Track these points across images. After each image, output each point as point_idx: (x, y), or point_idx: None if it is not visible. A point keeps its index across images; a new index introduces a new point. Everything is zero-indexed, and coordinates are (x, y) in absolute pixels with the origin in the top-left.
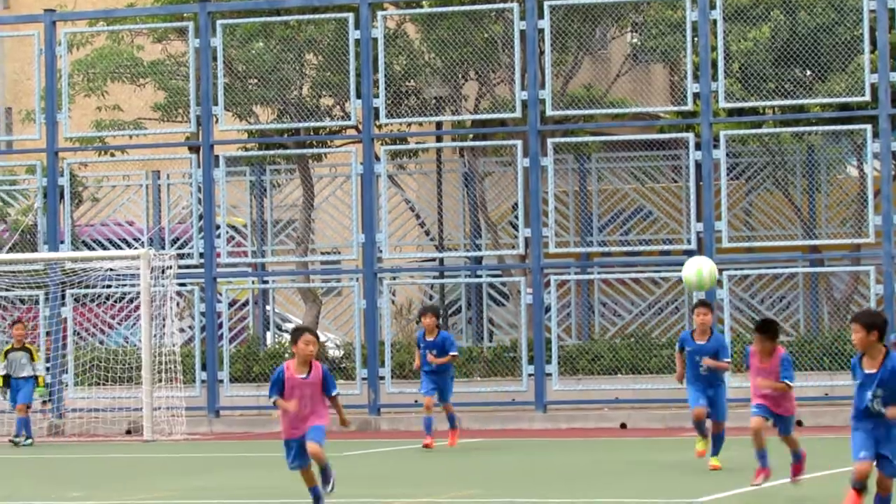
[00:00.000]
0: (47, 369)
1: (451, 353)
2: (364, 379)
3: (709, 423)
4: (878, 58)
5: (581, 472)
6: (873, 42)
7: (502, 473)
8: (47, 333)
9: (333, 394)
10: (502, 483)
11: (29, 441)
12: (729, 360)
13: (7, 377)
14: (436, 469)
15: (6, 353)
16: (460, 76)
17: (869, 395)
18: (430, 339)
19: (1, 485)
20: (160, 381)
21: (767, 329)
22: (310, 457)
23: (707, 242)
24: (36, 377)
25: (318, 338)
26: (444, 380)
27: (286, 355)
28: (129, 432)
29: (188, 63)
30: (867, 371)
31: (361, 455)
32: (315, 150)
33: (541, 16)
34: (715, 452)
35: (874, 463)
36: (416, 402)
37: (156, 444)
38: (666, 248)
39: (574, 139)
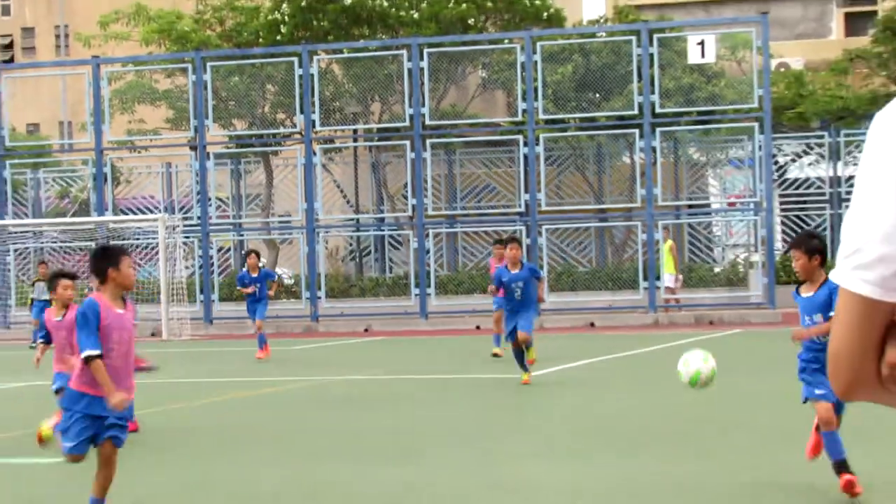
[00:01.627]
0: None
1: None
2: (307, 298)
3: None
4: (643, 86)
5: (449, 357)
6: (640, 75)
7: (400, 359)
8: None
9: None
10: (399, 365)
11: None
12: (543, 276)
13: (33, 300)
14: (355, 357)
15: (34, 282)
16: (368, 98)
17: (808, 319)
18: (516, 271)
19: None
20: (172, 300)
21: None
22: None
23: (532, 207)
24: (51, 300)
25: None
26: None
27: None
28: (152, 335)
29: (188, 91)
30: (805, 295)
31: (304, 349)
32: (273, 149)
33: (421, 58)
34: (524, 369)
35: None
36: (341, 312)
37: (170, 342)
38: (504, 211)
39: (444, 140)
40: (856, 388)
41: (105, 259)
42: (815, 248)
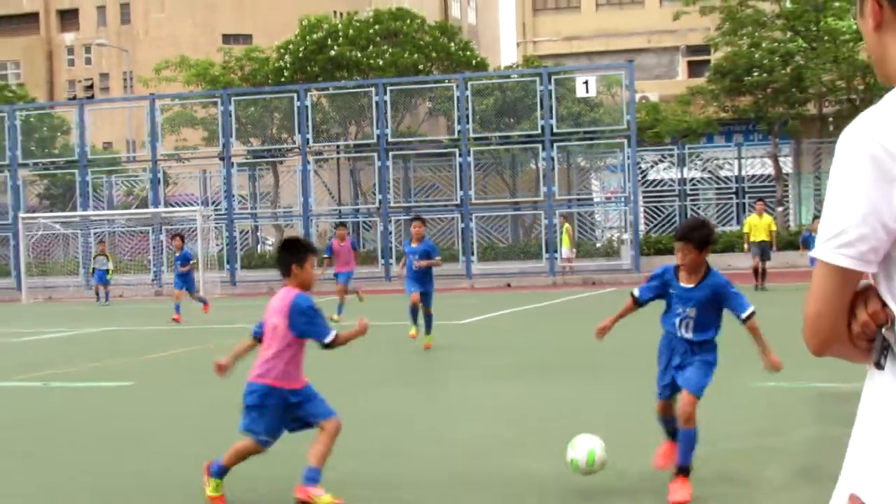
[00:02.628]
0: (154, 266)
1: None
2: None
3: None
4: (544, 113)
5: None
6: (542, 105)
7: (366, 308)
8: (153, 248)
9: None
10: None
11: (107, 303)
12: (439, 257)
13: (94, 269)
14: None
15: (95, 256)
16: (347, 122)
17: (679, 310)
18: (414, 245)
19: (135, 320)
20: (207, 268)
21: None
22: None
23: (465, 200)
24: (108, 269)
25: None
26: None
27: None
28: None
29: (218, 118)
30: (684, 285)
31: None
32: (279, 159)
33: (385, 94)
34: (427, 332)
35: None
36: (352, 288)
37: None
38: (445, 203)
39: (401, 152)
40: (831, 344)
41: (290, 253)
42: (706, 239)
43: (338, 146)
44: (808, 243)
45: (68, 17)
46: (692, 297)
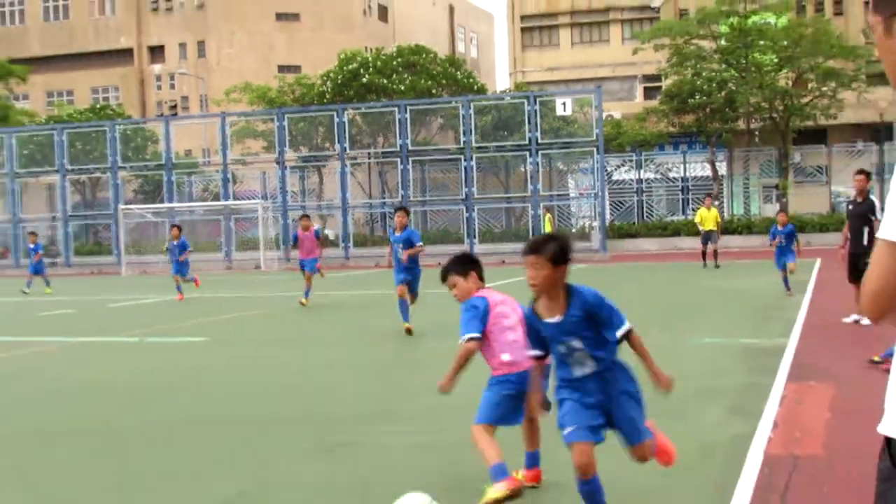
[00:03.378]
0: (225, 246)
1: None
2: (343, 246)
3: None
4: (531, 127)
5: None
6: (529, 122)
7: (377, 281)
8: (224, 232)
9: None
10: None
11: (192, 280)
12: (420, 243)
13: (167, 248)
14: (373, 280)
15: (169, 240)
16: (376, 135)
17: (562, 349)
18: (398, 234)
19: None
20: (267, 249)
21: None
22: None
23: (469, 196)
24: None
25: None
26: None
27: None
28: (256, 267)
29: (274, 131)
30: (550, 320)
31: (341, 276)
32: (322, 164)
33: (406, 112)
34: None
35: (596, 442)
36: (375, 264)
37: (265, 272)
38: (453, 198)
39: (419, 158)
40: (887, 314)
41: (454, 265)
42: (562, 254)
43: (369, 153)
44: (774, 235)
45: (157, 52)
46: (564, 327)
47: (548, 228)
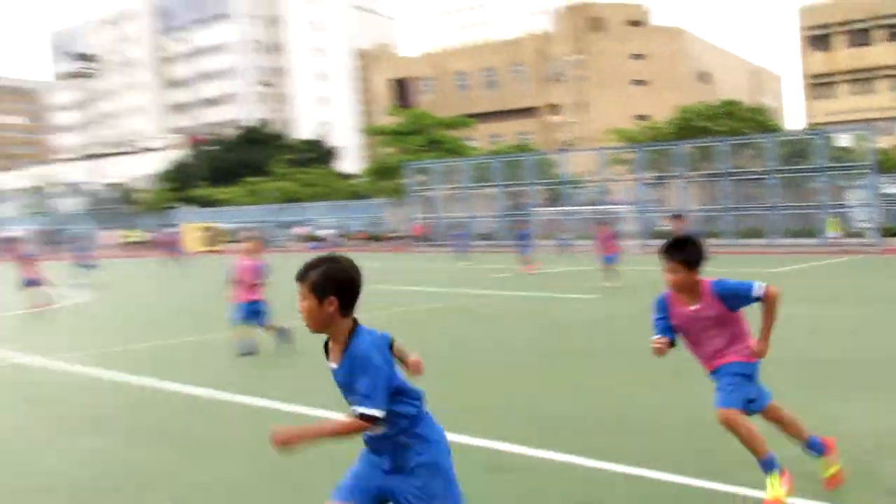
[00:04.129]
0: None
1: None
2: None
3: None
4: (821, 158)
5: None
6: (819, 153)
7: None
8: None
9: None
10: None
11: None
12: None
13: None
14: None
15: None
16: (704, 161)
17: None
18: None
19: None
20: (630, 239)
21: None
22: None
23: (775, 207)
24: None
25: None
26: None
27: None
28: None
29: (634, 160)
30: (333, 365)
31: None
32: (667, 182)
33: (726, 146)
34: None
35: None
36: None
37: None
38: (759, 206)
39: (738, 178)
40: None
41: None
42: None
43: (699, 174)
44: None
45: (555, 108)
46: (337, 378)
47: (833, 228)
